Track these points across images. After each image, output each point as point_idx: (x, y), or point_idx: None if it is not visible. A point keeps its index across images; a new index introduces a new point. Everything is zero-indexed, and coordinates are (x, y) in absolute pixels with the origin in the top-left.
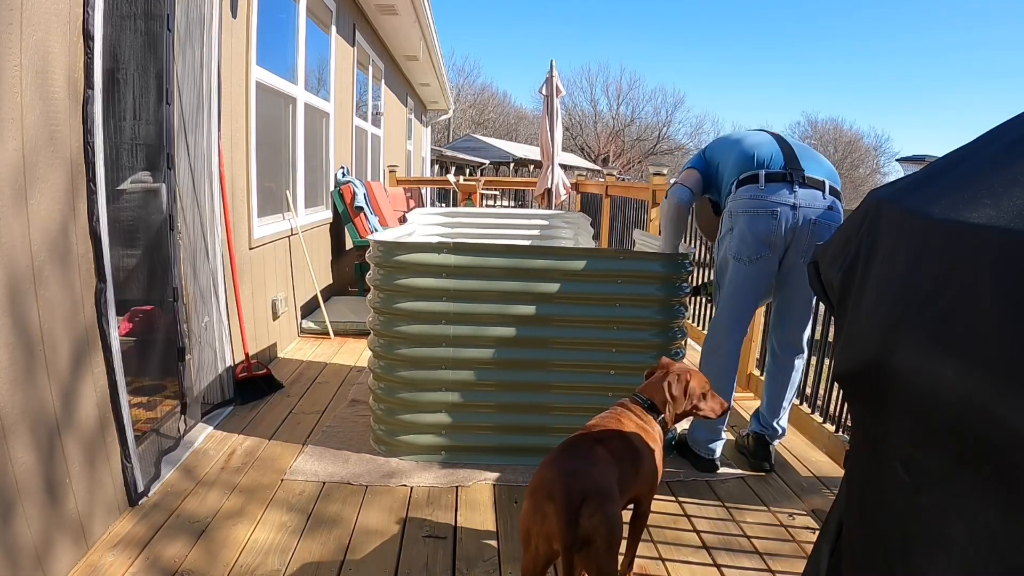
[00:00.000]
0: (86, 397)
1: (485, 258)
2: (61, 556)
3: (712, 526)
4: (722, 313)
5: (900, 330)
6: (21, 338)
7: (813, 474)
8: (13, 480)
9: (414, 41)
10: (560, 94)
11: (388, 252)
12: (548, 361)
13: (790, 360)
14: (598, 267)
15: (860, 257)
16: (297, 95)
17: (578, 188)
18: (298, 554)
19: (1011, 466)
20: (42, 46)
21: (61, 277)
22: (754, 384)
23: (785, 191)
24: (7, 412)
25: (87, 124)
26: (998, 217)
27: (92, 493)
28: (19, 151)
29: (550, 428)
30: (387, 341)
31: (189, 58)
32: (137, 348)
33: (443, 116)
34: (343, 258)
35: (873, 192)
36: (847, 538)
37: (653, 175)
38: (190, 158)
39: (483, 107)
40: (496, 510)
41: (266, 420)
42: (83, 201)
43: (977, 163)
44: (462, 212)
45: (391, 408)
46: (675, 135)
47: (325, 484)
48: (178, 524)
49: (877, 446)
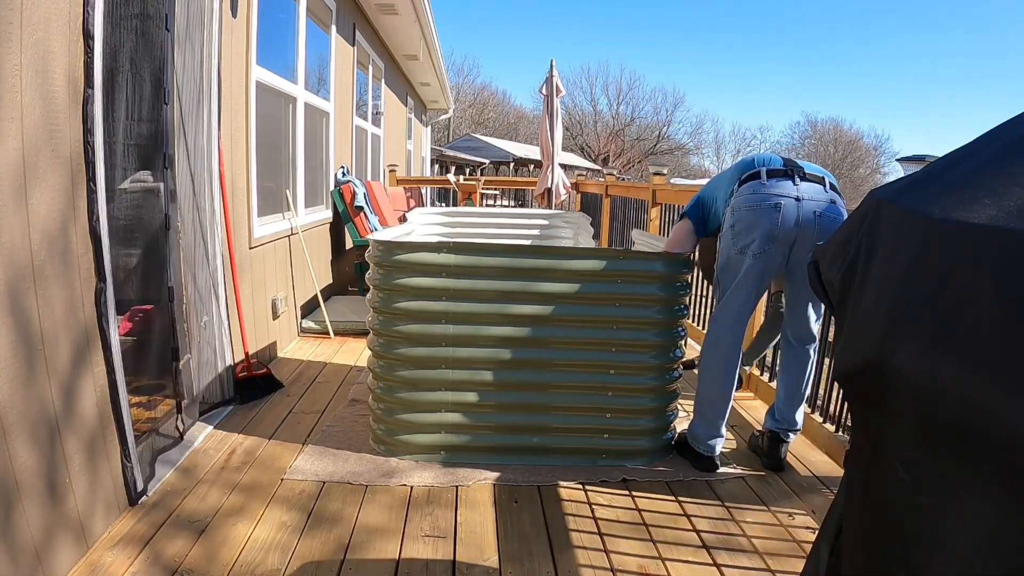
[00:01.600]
0: (86, 396)
1: (485, 258)
2: (62, 555)
3: (712, 526)
4: (723, 307)
5: (900, 330)
6: (22, 337)
7: (813, 474)
8: (14, 479)
9: (414, 40)
10: (560, 94)
11: (388, 251)
12: (548, 361)
13: (805, 350)
14: (598, 267)
15: (860, 257)
16: (297, 95)
17: (578, 188)
18: (298, 553)
19: (1011, 466)
20: (42, 46)
21: (61, 276)
22: (754, 384)
23: (788, 184)
24: (8, 411)
25: (87, 123)
26: (999, 217)
27: (92, 492)
28: (19, 151)
29: (550, 428)
30: (386, 340)
31: (189, 58)
32: (137, 347)
33: (443, 116)
34: (343, 258)
35: (873, 192)
36: (847, 538)
37: (653, 175)
38: (189, 158)
39: (483, 107)
40: (496, 510)
41: (266, 420)
42: (83, 200)
43: (977, 163)
44: (462, 212)
45: (390, 408)
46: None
47: (325, 483)
48: (178, 523)
49: (877, 446)
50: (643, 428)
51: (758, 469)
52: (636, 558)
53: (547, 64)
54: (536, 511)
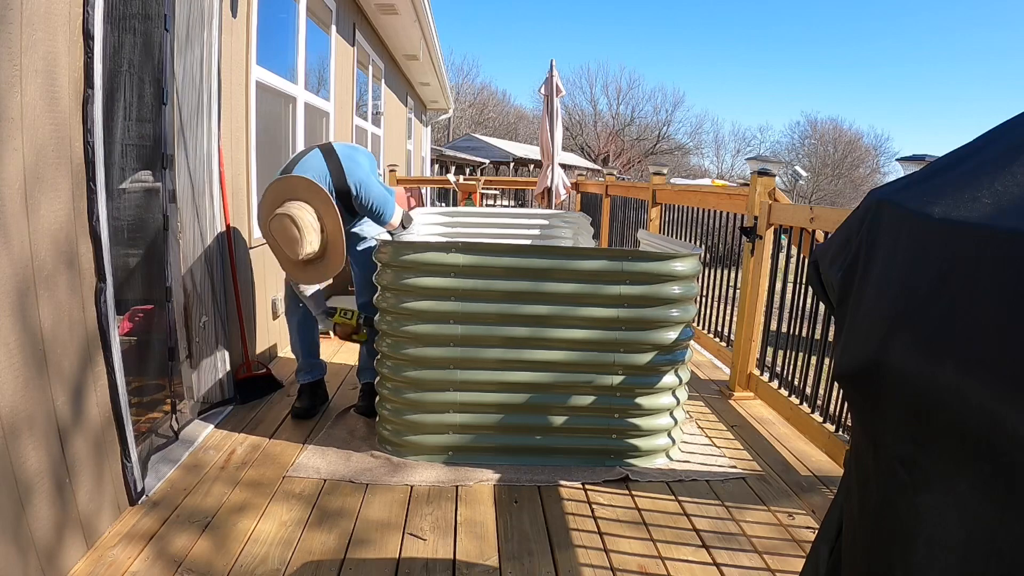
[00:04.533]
0: (87, 396)
1: (494, 258)
2: (67, 552)
3: (712, 525)
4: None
5: (900, 330)
6: (28, 339)
7: (813, 474)
8: (21, 478)
9: (414, 41)
10: (560, 94)
11: (396, 252)
12: (556, 360)
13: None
14: (606, 267)
15: (860, 257)
16: (297, 95)
17: (578, 188)
18: (299, 552)
19: (1011, 466)
20: (42, 46)
21: (63, 277)
22: (754, 384)
23: None
24: (16, 412)
25: (87, 124)
26: (999, 217)
27: (94, 491)
28: (19, 150)
29: (558, 428)
30: (394, 341)
31: (189, 58)
32: (137, 347)
33: (443, 116)
34: None
35: (873, 192)
36: (846, 538)
37: (653, 175)
38: (189, 158)
39: (483, 106)
40: (497, 509)
41: (267, 419)
42: (83, 200)
43: (978, 162)
44: (462, 212)
45: (398, 408)
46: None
47: (326, 482)
48: (179, 523)
49: (877, 446)
50: (650, 428)
51: (758, 469)
52: (636, 557)
53: (547, 64)
54: (536, 511)
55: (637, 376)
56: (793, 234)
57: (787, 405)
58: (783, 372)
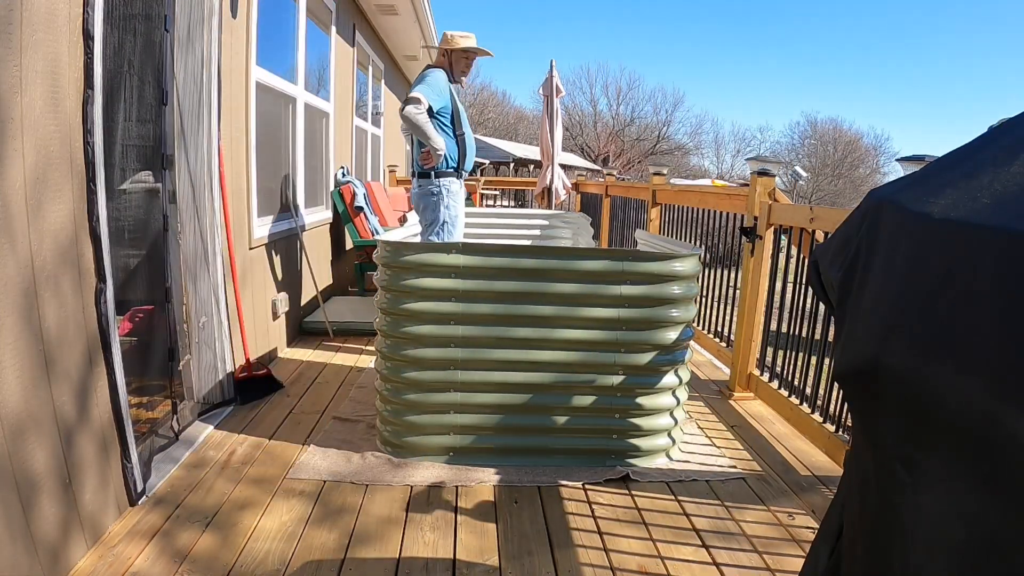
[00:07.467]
0: (89, 397)
1: (494, 258)
2: (72, 550)
3: (712, 525)
4: None
5: (900, 330)
6: (33, 340)
7: (813, 474)
8: (27, 477)
9: (414, 41)
10: (560, 94)
11: (396, 252)
12: (558, 361)
13: None
14: (607, 267)
15: (860, 257)
16: (297, 95)
17: (578, 188)
18: (299, 552)
19: (1011, 466)
20: (43, 47)
21: (66, 278)
22: (754, 384)
23: None
24: (22, 412)
25: (87, 124)
26: (999, 216)
27: (97, 490)
28: (20, 151)
29: (559, 429)
30: (394, 342)
31: (189, 59)
32: (137, 348)
33: None
34: (343, 258)
35: (873, 192)
36: (846, 538)
37: (653, 175)
38: (189, 158)
39: (483, 107)
40: (496, 510)
41: (267, 420)
42: (84, 201)
43: (978, 162)
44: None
45: (398, 409)
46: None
47: (326, 483)
48: (181, 521)
49: (877, 446)
50: (650, 428)
51: (758, 469)
52: (636, 557)
53: (547, 64)
54: (536, 511)
55: (638, 376)
56: (793, 234)
57: (787, 405)
58: (783, 372)
